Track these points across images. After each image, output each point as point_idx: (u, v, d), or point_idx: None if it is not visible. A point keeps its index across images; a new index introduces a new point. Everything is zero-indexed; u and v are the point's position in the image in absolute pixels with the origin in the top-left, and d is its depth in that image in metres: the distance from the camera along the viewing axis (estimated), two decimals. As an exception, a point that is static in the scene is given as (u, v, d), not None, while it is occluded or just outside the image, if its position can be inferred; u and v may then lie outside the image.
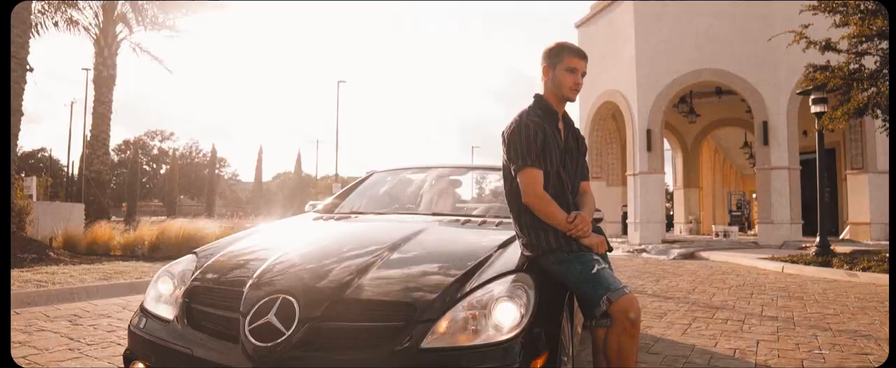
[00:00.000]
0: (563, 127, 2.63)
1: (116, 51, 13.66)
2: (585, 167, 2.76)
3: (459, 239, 2.94)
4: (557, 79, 2.53)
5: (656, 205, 15.99)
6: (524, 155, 2.45)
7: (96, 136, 13.80)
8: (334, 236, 2.92)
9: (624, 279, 8.83)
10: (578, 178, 2.68)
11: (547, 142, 2.49)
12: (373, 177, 4.58)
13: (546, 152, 2.49)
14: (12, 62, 9.40)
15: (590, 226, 2.48)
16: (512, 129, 2.51)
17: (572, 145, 2.64)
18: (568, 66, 2.51)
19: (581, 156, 2.70)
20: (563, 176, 2.56)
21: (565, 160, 2.59)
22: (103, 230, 12.06)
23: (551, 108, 2.57)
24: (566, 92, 2.54)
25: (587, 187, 2.74)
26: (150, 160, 56.93)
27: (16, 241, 9.51)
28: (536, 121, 2.49)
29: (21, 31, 9.44)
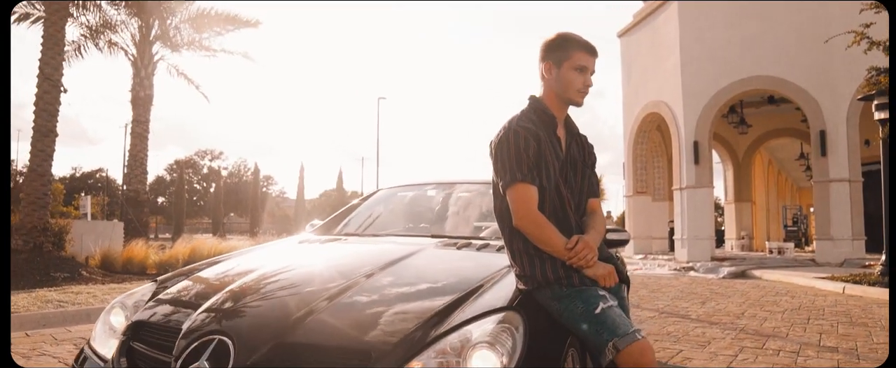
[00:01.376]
0: (565, 134, 2.22)
1: (153, 72, 13.90)
2: (594, 182, 2.30)
3: (448, 266, 2.57)
4: (564, 79, 2.11)
5: (704, 221, 15.18)
6: (513, 168, 2.04)
7: (134, 156, 14.01)
8: (306, 263, 2.60)
9: (667, 300, 8.23)
10: (584, 195, 2.23)
11: (542, 153, 2.08)
12: (379, 194, 4.26)
13: (541, 164, 2.08)
14: (46, 83, 9.54)
15: (595, 253, 2.05)
16: (499, 139, 2.11)
17: (576, 155, 2.22)
18: (577, 64, 2.10)
19: (588, 168, 2.27)
20: (564, 192, 2.13)
21: (567, 173, 2.17)
22: (139, 248, 12.14)
23: (548, 113, 2.16)
24: (573, 95, 2.13)
25: (596, 206, 2.29)
26: (200, 179, 58.44)
27: (51, 260, 9.57)
28: (528, 127, 2.08)
29: (54, 54, 9.58)
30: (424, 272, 2.44)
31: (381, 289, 2.18)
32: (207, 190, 56.68)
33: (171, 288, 2.43)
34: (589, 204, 2.26)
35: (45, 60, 9.51)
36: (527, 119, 2.13)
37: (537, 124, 2.13)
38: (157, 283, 2.54)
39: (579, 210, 2.21)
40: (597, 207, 2.29)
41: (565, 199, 2.13)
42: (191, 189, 56.76)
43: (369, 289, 2.16)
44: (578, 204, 2.21)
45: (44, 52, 9.52)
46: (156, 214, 56.98)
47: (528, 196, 2.04)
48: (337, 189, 46.77)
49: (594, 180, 2.32)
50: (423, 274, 2.40)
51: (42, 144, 9.54)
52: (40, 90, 9.51)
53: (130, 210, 13.97)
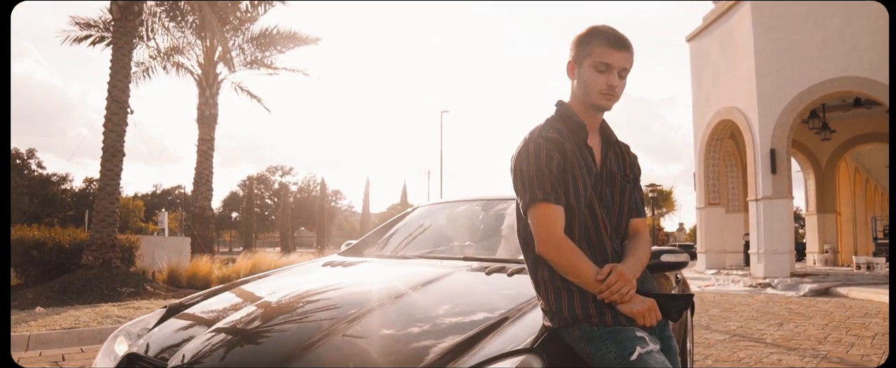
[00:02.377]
0: (600, 143, 1.90)
1: (217, 91, 14.32)
2: (638, 198, 1.97)
3: (473, 294, 2.33)
4: (583, 79, 1.80)
5: (783, 234, 14.21)
6: (534, 186, 1.75)
7: (199, 173, 14.43)
8: (322, 290, 2.45)
9: (740, 320, 7.63)
10: (625, 214, 1.90)
11: (569, 167, 1.77)
12: (418, 211, 4.06)
13: (568, 180, 1.77)
14: (114, 105, 9.90)
15: (632, 286, 1.72)
16: (517, 152, 1.82)
17: (614, 168, 1.90)
18: (598, 61, 1.77)
19: (628, 182, 1.93)
20: (599, 212, 1.81)
21: (602, 189, 1.84)
22: (203, 263, 12.47)
23: (576, 119, 1.84)
24: (594, 98, 1.80)
25: (640, 227, 1.92)
26: (271, 194, 60.27)
27: (119, 275, 9.88)
28: (552, 138, 1.78)
29: (121, 77, 9.95)
30: (445, 301, 2.21)
31: (393, 320, 1.99)
32: (278, 205, 58.40)
33: (178, 315, 2.32)
34: (631, 225, 1.91)
35: (113, 83, 9.89)
36: (551, 128, 1.83)
37: (564, 134, 1.82)
38: (167, 310, 2.42)
39: (619, 232, 1.89)
40: (641, 229, 1.94)
41: (599, 220, 1.81)
42: (262, 204, 58.64)
43: (380, 320, 1.99)
44: (618, 226, 1.88)
45: (112, 74, 9.90)
46: (230, 229, 59.11)
47: (551, 217, 1.74)
48: (401, 202, 47.17)
49: (638, 196, 1.98)
50: (442, 304, 2.18)
51: (110, 164, 9.89)
52: (109, 112, 9.89)
53: (196, 225, 14.38)
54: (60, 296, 8.96)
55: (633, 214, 1.93)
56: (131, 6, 9.92)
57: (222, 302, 2.46)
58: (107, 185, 9.93)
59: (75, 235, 11.29)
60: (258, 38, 14.90)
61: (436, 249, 3.38)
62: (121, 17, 9.93)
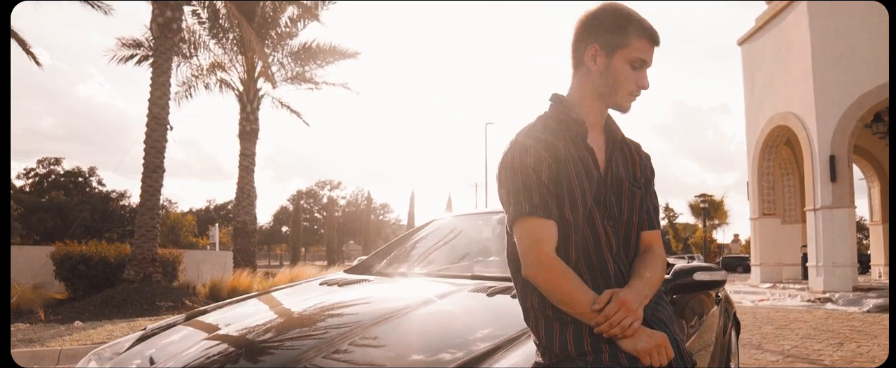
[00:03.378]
0: (605, 142, 1.60)
1: (258, 107, 14.51)
2: (651, 206, 1.65)
3: (469, 318, 2.11)
4: (615, 74, 1.52)
5: (844, 245, 13.35)
6: (520, 197, 1.47)
7: (241, 188, 14.62)
8: (310, 311, 2.29)
9: (796, 339, 7.09)
10: (635, 227, 1.59)
11: (563, 173, 1.49)
12: (433, 224, 3.86)
13: (562, 189, 1.48)
14: (154, 122, 10.08)
15: (636, 316, 1.42)
16: (502, 157, 1.55)
17: (621, 172, 1.59)
18: (635, 56, 1.51)
19: (639, 188, 1.62)
20: (601, 225, 1.52)
21: (606, 198, 1.54)
22: (244, 277, 12.57)
23: (574, 116, 1.55)
24: (621, 97, 1.54)
25: (653, 241, 1.62)
26: (320, 208, 61.18)
27: (158, 290, 10.00)
28: (544, 139, 1.50)
29: (161, 94, 10.13)
30: (431, 328, 2.00)
31: (373, 347, 1.81)
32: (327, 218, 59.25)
33: (152, 338, 2.19)
34: (643, 239, 1.61)
35: (153, 100, 10.07)
36: (543, 127, 1.55)
37: (558, 133, 1.53)
38: (143, 332, 2.30)
39: (628, 249, 1.59)
40: (654, 244, 1.62)
41: (601, 236, 1.51)
42: (311, 218, 59.52)
43: (361, 346, 1.81)
44: (627, 241, 1.58)
45: (152, 91, 10.09)
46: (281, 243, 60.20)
47: (540, 234, 1.45)
48: (446, 215, 47.29)
49: (651, 204, 1.65)
50: (427, 332, 1.97)
51: (151, 180, 10.05)
52: (149, 128, 10.07)
53: (239, 240, 14.54)
54: (102, 310, 9.10)
55: (644, 226, 1.61)
56: (170, 24, 10.10)
57: (201, 325, 2.32)
58: (147, 201, 10.08)
59: (121, 250, 11.53)
60: (297, 53, 15.06)
61: (444, 266, 3.17)
62: (160, 35, 10.13)
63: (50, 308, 9.47)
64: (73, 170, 40.08)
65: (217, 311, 2.48)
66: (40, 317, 8.58)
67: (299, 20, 14.61)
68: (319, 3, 14.38)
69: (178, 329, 2.31)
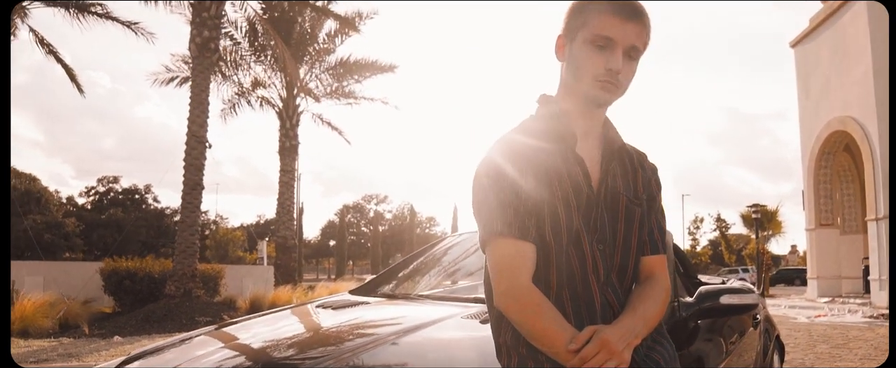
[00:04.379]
0: (601, 150, 1.36)
1: (297, 123, 14.70)
2: (656, 225, 1.40)
3: (443, 354, 1.95)
4: (575, 59, 1.29)
5: (911, 257, 12.53)
6: (492, 215, 1.27)
7: (282, 204, 14.80)
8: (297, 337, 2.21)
9: (854, 359, 6.60)
10: (634, 251, 1.35)
11: (545, 187, 1.27)
12: (446, 241, 3.71)
13: (543, 206, 1.27)
14: (193, 140, 10.27)
15: (622, 361, 1.21)
16: (477, 168, 1.35)
17: (617, 185, 1.35)
18: (596, 35, 1.26)
19: (639, 205, 1.36)
20: (589, 249, 1.28)
21: (598, 217, 1.30)
22: (285, 292, 12.67)
23: (560, 122, 1.34)
24: (588, 86, 1.28)
25: (656, 267, 1.36)
26: (366, 222, 61.78)
27: (198, 305, 10.15)
28: (521, 147, 1.31)
29: (199, 113, 10.34)
30: (409, 360, 1.85)
31: None
32: (373, 232, 59.76)
33: (134, 364, 2.11)
34: (644, 265, 1.36)
35: (192, 118, 10.29)
36: (525, 133, 1.34)
37: (542, 141, 1.32)
38: (125, 358, 2.22)
39: (624, 277, 1.34)
40: (657, 270, 1.36)
41: (589, 262, 1.28)
42: (358, 232, 60.12)
43: None
44: (623, 268, 1.33)
45: (191, 110, 10.31)
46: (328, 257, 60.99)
47: (514, 258, 1.25)
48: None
49: (655, 223, 1.39)
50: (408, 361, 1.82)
51: (190, 197, 10.24)
52: (188, 147, 10.27)
53: (280, 255, 14.70)
54: (143, 325, 9.28)
55: (645, 250, 1.36)
56: (208, 43, 10.31)
57: (188, 350, 2.24)
58: (187, 218, 10.27)
59: (165, 265, 11.79)
60: (335, 68, 15.20)
61: (449, 288, 3.02)
62: (198, 55, 10.36)
63: (96, 322, 9.71)
64: (130, 188, 41.63)
65: (194, 340, 2.40)
66: (85, 332, 8.80)
67: (337, 35, 14.77)
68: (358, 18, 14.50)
69: (167, 354, 2.23)
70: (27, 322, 8.51)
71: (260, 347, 2.11)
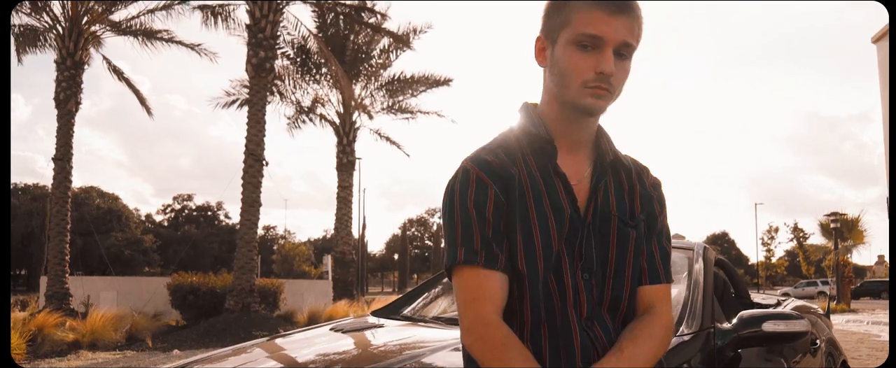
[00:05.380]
0: (591, 166, 1.19)
1: (354, 138, 14.90)
2: (657, 252, 1.22)
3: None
4: (559, 64, 1.12)
5: None
6: (456, 240, 1.12)
7: (340, 219, 14.99)
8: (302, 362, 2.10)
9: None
10: (628, 281, 1.18)
11: (520, 207, 1.13)
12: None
13: (515, 230, 1.12)
14: (250, 158, 10.54)
15: None
16: (445, 188, 1.22)
17: (609, 205, 1.18)
18: (580, 34, 1.08)
19: (635, 227, 1.19)
20: (571, 279, 1.12)
21: (584, 242, 1.14)
22: (342, 306, 12.80)
23: (540, 133, 1.17)
24: (575, 93, 1.10)
25: (656, 299, 1.19)
26: (430, 236, 62.13)
27: (256, 319, 10.36)
28: (491, 163, 1.14)
29: (256, 131, 10.61)
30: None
31: None
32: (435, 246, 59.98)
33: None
34: (642, 297, 1.18)
35: (250, 137, 10.56)
36: (501, 146, 1.18)
37: (520, 155, 1.17)
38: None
39: (617, 310, 1.17)
40: (657, 302, 1.18)
41: (568, 293, 1.12)
42: (422, 246, 60.49)
43: None
44: (615, 300, 1.16)
45: (248, 129, 10.59)
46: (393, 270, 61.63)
47: (479, 290, 1.10)
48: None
49: (657, 248, 1.21)
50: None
51: (248, 214, 10.49)
52: (246, 165, 10.55)
53: (338, 269, 14.88)
54: (203, 339, 9.54)
55: (643, 279, 1.19)
56: (263, 63, 10.59)
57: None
58: (245, 234, 10.51)
59: (227, 280, 12.13)
60: (390, 84, 15.36)
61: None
62: (255, 76, 10.65)
63: (160, 335, 10.06)
64: (203, 205, 43.47)
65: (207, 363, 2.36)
66: (148, 345, 9.12)
67: (392, 51, 14.93)
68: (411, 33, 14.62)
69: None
70: (97, 335, 8.89)
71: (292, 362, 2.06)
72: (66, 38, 11.82)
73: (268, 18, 10.85)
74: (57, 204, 11.84)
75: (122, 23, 12.51)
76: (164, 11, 12.27)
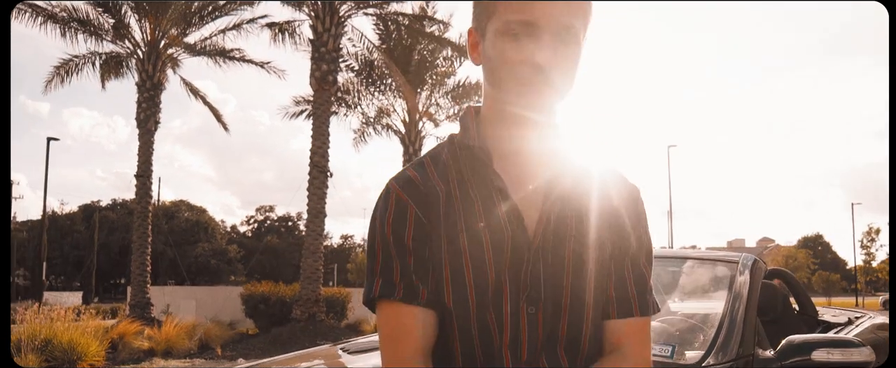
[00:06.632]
0: (545, 180, 0.98)
1: (420, 147, 14.90)
2: (629, 278, 0.99)
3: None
4: (488, 58, 0.94)
5: None
6: (374, 270, 0.97)
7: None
8: None
9: None
10: (587, 314, 0.96)
11: (450, 230, 0.94)
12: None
13: (440, 257, 0.95)
14: (315, 170, 10.73)
15: None
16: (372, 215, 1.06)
17: (565, 225, 0.95)
18: (508, 18, 0.90)
19: (600, 249, 0.97)
20: (509, 313, 0.92)
21: (530, 271, 0.93)
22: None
23: (470, 142, 0.97)
24: (508, 89, 0.91)
25: (626, 336, 0.98)
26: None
27: (321, 328, 10.50)
28: (413, 181, 0.97)
29: (321, 143, 10.80)
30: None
31: None
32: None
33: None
34: (609, 334, 0.98)
35: (314, 149, 10.77)
36: (433, 160, 1.00)
37: (447, 169, 0.98)
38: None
39: (576, 350, 0.96)
40: (625, 341, 0.97)
41: (506, 330, 0.92)
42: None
43: None
44: (572, 338, 0.95)
45: (313, 141, 10.81)
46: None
47: (397, 328, 0.95)
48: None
49: (629, 274, 0.99)
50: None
51: (314, 225, 10.67)
52: (311, 176, 10.74)
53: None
54: (271, 347, 9.75)
55: (610, 312, 0.98)
56: (326, 76, 10.78)
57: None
58: (311, 244, 10.69)
59: (296, 290, 12.40)
60: (454, 91, 15.33)
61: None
62: (318, 88, 10.86)
63: (232, 343, 10.38)
64: (284, 216, 45.00)
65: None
66: (217, 353, 9.41)
67: (455, 58, 14.90)
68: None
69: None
70: (171, 343, 9.26)
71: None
72: (145, 61, 12.50)
73: (330, 32, 11.06)
74: (139, 218, 12.49)
75: (196, 44, 13.12)
76: (234, 31, 12.80)
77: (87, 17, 12.25)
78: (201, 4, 12.59)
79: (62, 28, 12.07)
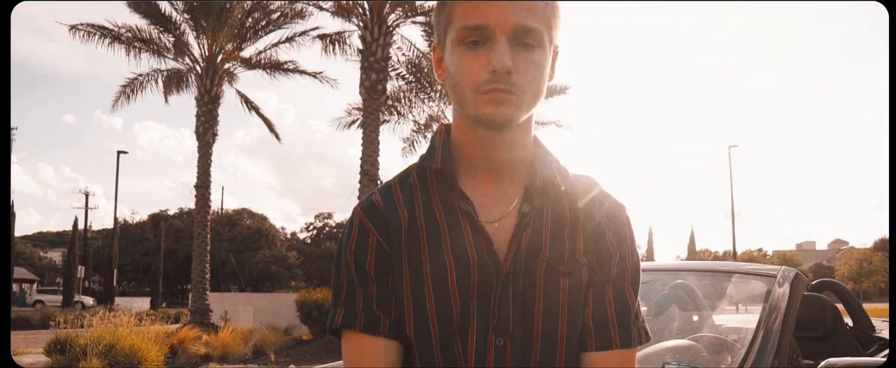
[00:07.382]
0: (519, 198, 0.92)
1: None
2: (611, 306, 0.91)
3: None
4: (448, 70, 0.89)
5: None
6: (336, 299, 0.94)
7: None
8: None
9: None
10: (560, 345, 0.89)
11: (413, 257, 0.90)
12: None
13: (401, 286, 0.90)
14: (365, 178, 10.86)
15: None
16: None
17: (538, 248, 0.89)
18: (462, 25, 0.85)
19: (574, 274, 0.89)
20: (477, 344, 0.87)
21: (497, 296, 0.87)
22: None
23: (424, 162, 0.94)
24: (470, 103, 0.85)
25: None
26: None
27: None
28: (378, 204, 0.93)
29: (371, 152, 10.93)
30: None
31: None
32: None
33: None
34: (585, 364, 0.91)
35: (364, 157, 10.91)
36: (401, 181, 0.95)
37: (418, 189, 0.93)
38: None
39: None
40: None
41: (470, 363, 0.88)
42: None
43: None
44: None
45: (363, 150, 10.95)
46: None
47: (360, 360, 0.91)
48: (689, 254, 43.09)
49: (616, 296, 0.91)
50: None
51: (363, 232, 10.80)
52: (362, 184, 10.88)
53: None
54: (323, 354, 9.91)
55: (588, 343, 0.91)
56: (375, 85, 10.91)
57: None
58: (359, 251, 10.82)
59: (349, 297, 12.56)
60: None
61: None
62: (368, 97, 11.00)
63: (285, 349, 10.60)
64: (342, 223, 45.84)
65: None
66: (271, 359, 9.62)
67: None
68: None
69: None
70: (227, 348, 9.54)
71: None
72: (203, 76, 12.98)
73: (378, 42, 11.20)
74: (198, 227, 12.94)
75: (251, 58, 13.54)
76: (287, 43, 13.14)
77: (150, 36, 12.85)
78: (255, 20, 13.00)
79: (126, 47, 12.70)
